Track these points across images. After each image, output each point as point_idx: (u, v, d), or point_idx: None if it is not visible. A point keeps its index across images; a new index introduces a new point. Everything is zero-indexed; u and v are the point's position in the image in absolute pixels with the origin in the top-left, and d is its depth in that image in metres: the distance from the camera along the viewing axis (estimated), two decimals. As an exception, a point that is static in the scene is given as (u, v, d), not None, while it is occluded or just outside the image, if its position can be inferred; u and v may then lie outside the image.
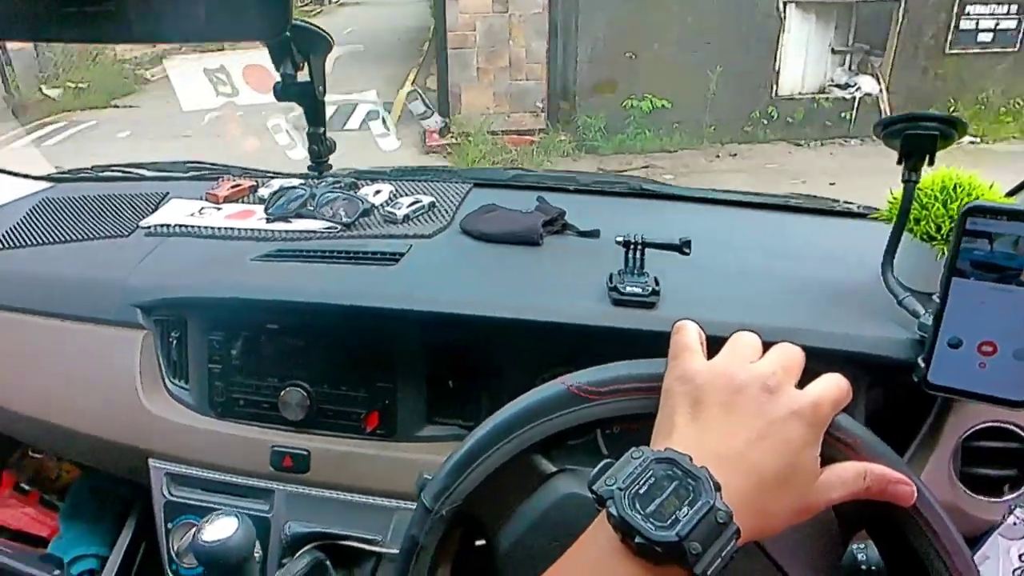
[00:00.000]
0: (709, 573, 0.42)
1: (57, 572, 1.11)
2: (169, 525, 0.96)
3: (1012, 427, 0.78)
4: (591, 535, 0.46)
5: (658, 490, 0.43)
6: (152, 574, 1.06)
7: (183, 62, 1.38)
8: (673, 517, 0.42)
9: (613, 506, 0.43)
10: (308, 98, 0.83)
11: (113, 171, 1.45)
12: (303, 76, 0.82)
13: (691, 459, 0.44)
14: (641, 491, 0.43)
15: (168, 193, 1.29)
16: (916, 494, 0.50)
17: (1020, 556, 0.76)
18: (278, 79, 0.80)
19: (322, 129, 0.86)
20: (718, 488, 0.43)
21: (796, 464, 0.47)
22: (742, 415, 0.48)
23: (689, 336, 0.55)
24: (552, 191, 1.19)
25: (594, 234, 1.02)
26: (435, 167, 1.31)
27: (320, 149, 0.87)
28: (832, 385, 0.51)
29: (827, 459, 0.49)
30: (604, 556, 0.44)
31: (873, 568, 0.62)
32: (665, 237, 0.86)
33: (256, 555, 0.92)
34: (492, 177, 1.28)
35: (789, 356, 0.53)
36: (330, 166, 0.88)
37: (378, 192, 1.21)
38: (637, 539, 0.42)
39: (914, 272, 0.85)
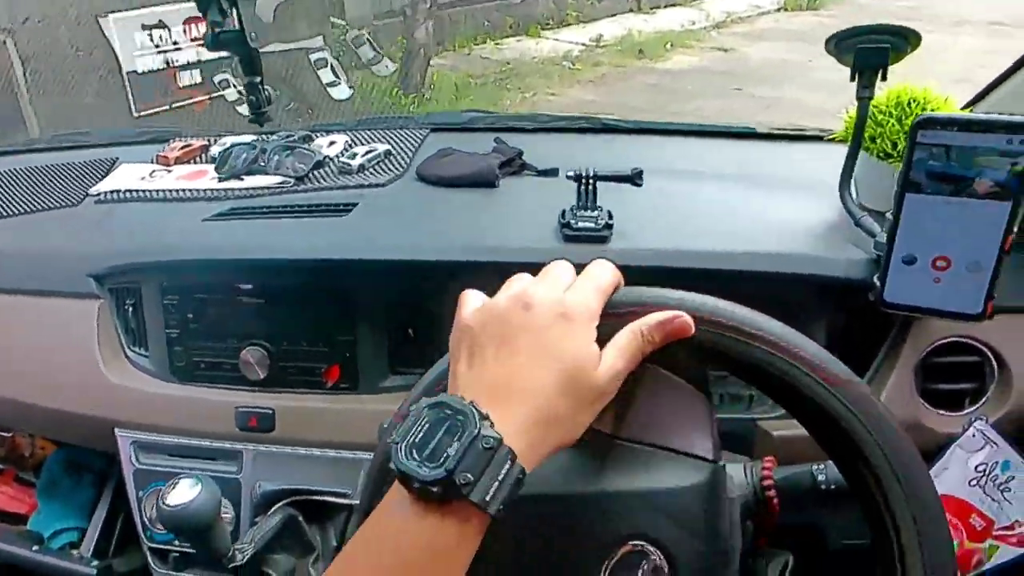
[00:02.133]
0: (489, 499, 0.42)
1: (36, 547, 1.11)
2: (140, 493, 0.96)
3: (970, 341, 0.79)
4: (388, 495, 0.45)
5: (431, 435, 0.43)
6: (131, 542, 1.06)
7: (119, 17, 1.32)
8: (444, 455, 0.42)
9: (393, 460, 0.43)
10: (240, 46, 0.80)
11: (60, 140, 1.40)
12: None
13: (463, 398, 0.45)
14: (417, 439, 0.43)
15: (118, 159, 1.25)
16: (694, 321, 0.49)
17: (977, 467, 0.77)
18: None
19: (259, 79, 0.83)
20: (484, 417, 0.44)
21: (571, 364, 0.47)
22: (512, 342, 0.48)
23: (467, 294, 0.54)
24: (510, 131, 1.16)
25: (552, 172, 1.00)
26: (390, 116, 1.27)
27: (258, 100, 0.84)
28: (593, 274, 0.51)
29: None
30: (396, 511, 0.44)
31: (833, 487, 0.62)
32: (622, 170, 0.84)
33: (227, 515, 0.93)
34: (449, 121, 1.25)
35: (561, 270, 0.52)
36: (270, 118, 0.85)
37: (332, 143, 1.17)
38: (415, 484, 0.42)
39: (874, 191, 0.84)
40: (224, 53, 0.92)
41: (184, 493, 0.73)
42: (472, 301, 0.52)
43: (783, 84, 5.64)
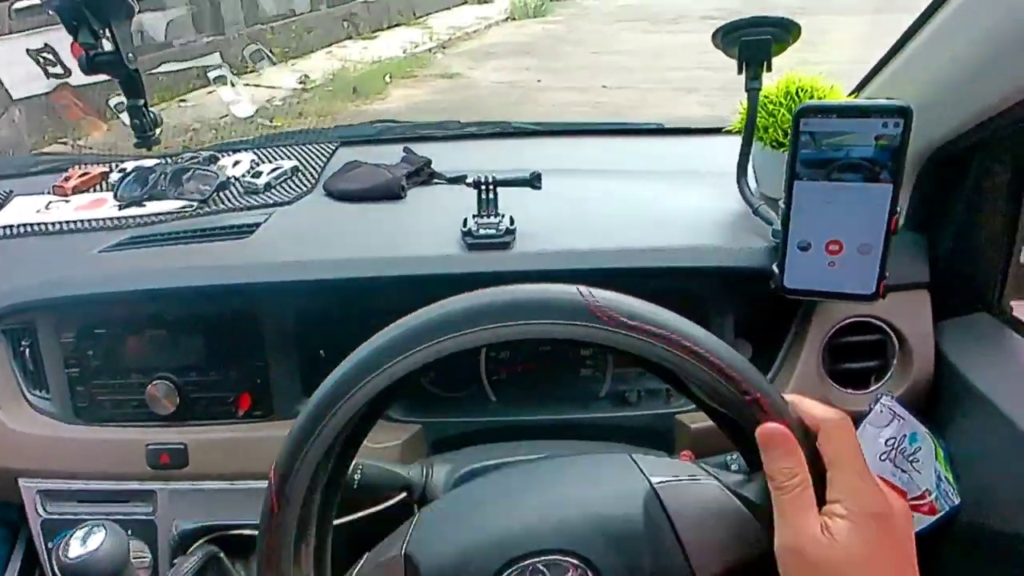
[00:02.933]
0: None
1: (-55, 610, 1.04)
2: (50, 544, 0.91)
3: (872, 320, 0.81)
4: None
5: None
6: (47, 597, 1.00)
7: (2, 43, 1.26)
8: None
9: None
10: (117, 68, 0.76)
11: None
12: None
13: None
14: None
15: (11, 191, 1.18)
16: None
17: (887, 441, 0.79)
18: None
19: (141, 101, 0.80)
20: None
21: None
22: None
23: None
24: (420, 141, 1.15)
25: (461, 180, 0.99)
26: (300, 130, 1.24)
27: (143, 123, 0.80)
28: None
29: None
30: None
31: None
32: (523, 174, 0.84)
33: (145, 559, 0.89)
34: (358, 134, 1.23)
35: None
36: (158, 140, 0.81)
37: (237, 163, 1.14)
38: None
39: (770, 180, 0.86)
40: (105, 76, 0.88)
41: (85, 543, 0.69)
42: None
43: (513, 113, 5.00)
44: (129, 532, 0.82)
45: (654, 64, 6.17)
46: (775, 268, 0.72)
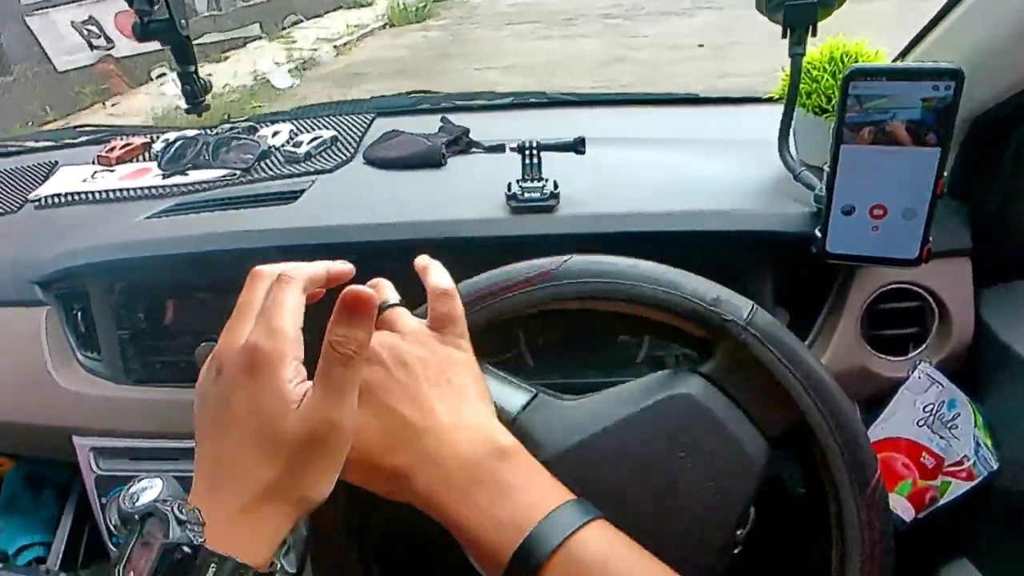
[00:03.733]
0: None
1: (1, 566, 1.08)
2: (103, 500, 0.94)
3: (912, 286, 0.81)
4: None
5: (135, 553, 0.39)
6: (99, 552, 1.04)
7: (46, 16, 1.28)
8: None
9: None
10: (171, 34, 0.78)
11: (-5, 148, 1.36)
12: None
13: (168, 501, 0.40)
14: (124, 562, 0.39)
15: (57, 162, 1.21)
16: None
17: (924, 408, 0.79)
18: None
19: (192, 68, 0.81)
20: (183, 522, 0.38)
21: (259, 427, 0.41)
22: (214, 422, 0.43)
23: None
24: (456, 111, 1.16)
25: (499, 148, 1.00)
26: (336, 101, 1.25)
27: (194, 89, 0.82)
28: (274, 300, 0.46)
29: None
30: None
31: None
32: (566, 139, 0.85)
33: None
34: (395, 104, 1.24)
35: (247, 305, 0.47)
36: (208, 106, 0.83)
37: (276, 133, 1.16)
38: None
39: (812, 146, 0.86)
40: (156, 45, 0.90)
41: (144, 492, 0.72)
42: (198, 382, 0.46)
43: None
44: (181, 489, 0.85)
45: (548, 82, 5.43)
46: (817, 232, 0.73)
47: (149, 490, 0.72)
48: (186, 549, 0.37)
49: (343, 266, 0.50)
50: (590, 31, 6.99)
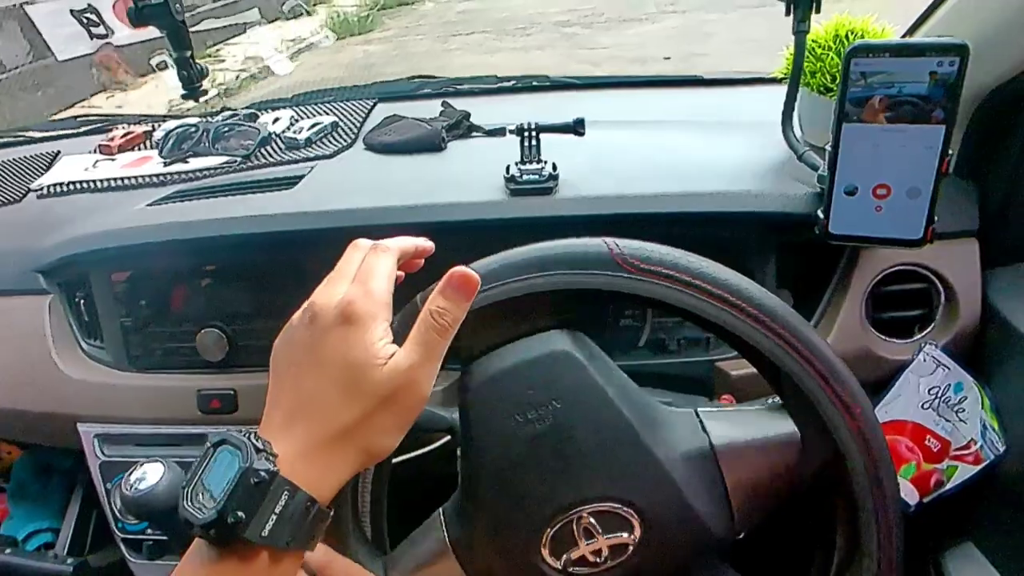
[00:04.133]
0: (268, 535, 0.40)
1: (9, 550, 1.10)
2: (108, 486, 0.95)
3: (917, 268, 0.80)
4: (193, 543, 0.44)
5: (213, 474, 0.41)
6: (106, 537, 1.05)
7: (46, 5, 1.28)
8: (219, 495, 0.40)
9: (179, 505, 0.41)
10: (166, 19, 0.77)
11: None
12: None
13: (245, 431, 0.43)
14: (200, 481, 0.42)
15: (59, 152, 1.22)
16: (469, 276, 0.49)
17: (930, 390, 0.78)
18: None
19: (188, 53, 0.81)
20: (260, 450, 0.41)
21: (349, 372, 0.44)
22: (300, 362, 0.46)
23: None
24: (457, 96, 1.15)
25: (500, 132, 0.99)
26: (337, 87, 1.25)
27: (190, 74, 0.82)
28: (370, 264, 0.49)
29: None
30: (192, 558, 0.43)
31: None
32: (569, 120, 0.84)
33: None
34: (396, 90, 1.23)
35: (348, 265, 0.50)
36: (205, 91, 0.82)
37: (277, 120, 1.15)
38: (195, 529, 0.40)
39: (817, 127, 0.85)
40: (155, 32, 0.89)
41: (146, 477, 0.72)
42: (286, 326, 0.50)
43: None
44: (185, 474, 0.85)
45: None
46: (820, 214, 0.72)
47: (150, 475, 0.72)
48: (263, 474, 0.40)
49: (427, 243, 0.54)
50: (544, 41, 6.45)
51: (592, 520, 0.53)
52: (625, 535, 0.53)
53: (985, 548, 0.79)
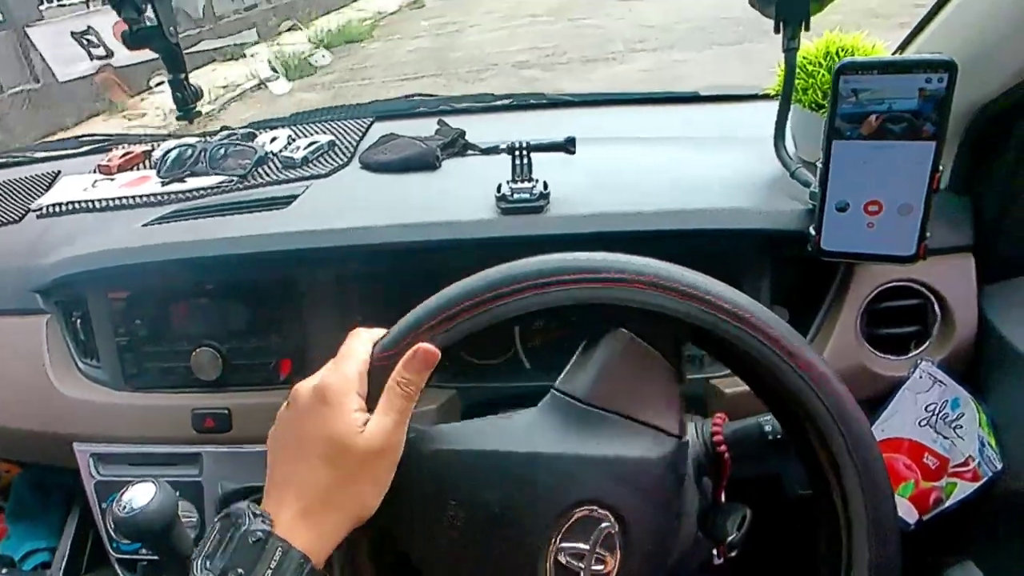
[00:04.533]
0: None
1: (6, 571, 1.09)
2: (103, 505, 0.95)
3: (913, 284, 0.80)
4: None
5: (217, 542, 0.47)
6: (102, 558, 1.05)
7: (46, 27, 1.29)
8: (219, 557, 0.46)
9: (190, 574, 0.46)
10: (160, 41, 0.78)
11: (0, 158, 1.37)
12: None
13: (245, 504, 0.49)
14: (207, 550, 0.47)
15: (60, 172, 1.23)
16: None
17: (926, 407, 0.78)
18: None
19: (183, 75, 0.82)
20: (257, 515, 0.48)
21: (330, 444, 0.50)
22: (288, 443, 0.52)
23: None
24: (454, 114, 1.16)
25: (494, 150, 1.00)
26: (335, 106, 1.26)
27: (185, 96, 0.82)
28: (345, 351, 0.54)
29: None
30: None
31: (779, 436, 0.63)
32: (561, 138, 0.84)
33: (192, 519, 0.92)
34: (393, 108, 1.24)
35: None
36: (199, 113, 0.83)
37: (274, 139, 1.16)
38: None
39: (809, 143, 0.85)
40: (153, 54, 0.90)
41: (137, 497, 0.72)
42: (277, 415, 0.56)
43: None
44: (177, 493, 0.85)
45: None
46: (812, 230, 0.72)
47: (141, 496, 0.72)
48: (259, 534, 0.46)
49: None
50: (500, 87, 5.66)
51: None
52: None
53: (985, 565, 0.78)
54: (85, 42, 1.24)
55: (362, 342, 0.55)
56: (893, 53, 0.86)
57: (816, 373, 0.51)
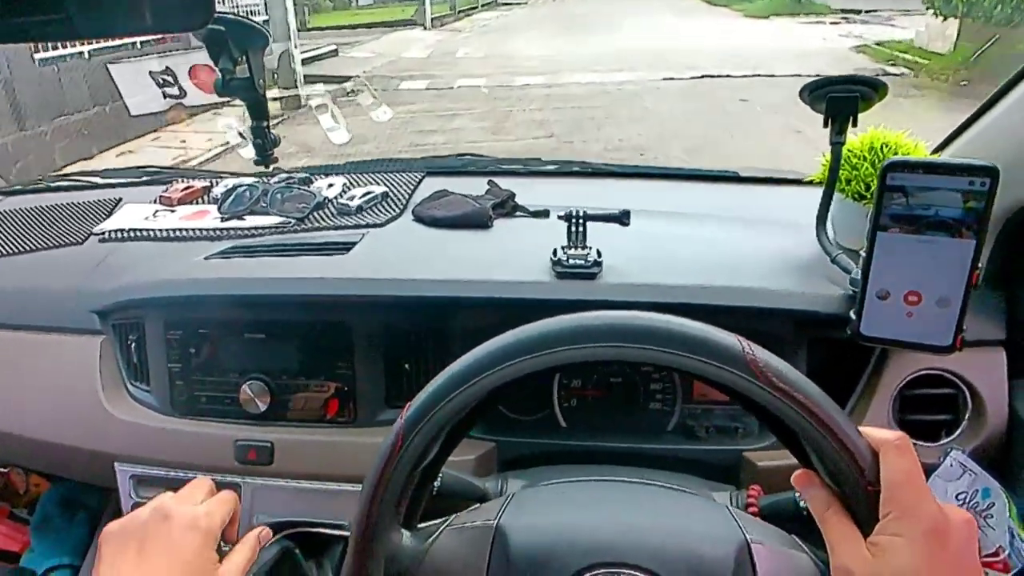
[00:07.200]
0: None
1: (28, 585, 1.11)
2: (136, 527, 0.96)
3: (945, 374, 0.82)
4: None
5: None
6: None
7: (126, 65, 1.38)
8: None
9: None
10: (249, 92, 0.84)
11: (65, 181, 1.44)
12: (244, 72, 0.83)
13: None
14: None
15: (121, 199, 1.28)
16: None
17: (957, 495, 0.79)
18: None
19: (265, 123, 0.87)
20: None
21: (197, 568, 0.58)
22: (149, 547, 0.58)
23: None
24: (503, 175, 1.21)
25: (544, 214, 1.04)
26: (388, 159, 1.32)
27: (264, 143, 0.88)
28: (219, 498, 0.66)
29: None
30: None
31: None
32: (611, 211, 0.88)
33: (225, 548, 0.93)
34: (444, 165, 1.29)
35: (196, 490, 0.66)
36: (276, 159, 0.88)
37: (331, 185, 1.22)
38: None
39: (849, 231, 0.89)
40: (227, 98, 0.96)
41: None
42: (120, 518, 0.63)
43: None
44: (215, 522, 0.87)
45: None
46: (852, 315, 0.74)
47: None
48: None
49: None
50: (470, 119, 5.25)
51: None
52: None
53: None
54: (161, 81, 1.32)
55: (224, 497, 0.66)
56: (932, 153, 0.90)
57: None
